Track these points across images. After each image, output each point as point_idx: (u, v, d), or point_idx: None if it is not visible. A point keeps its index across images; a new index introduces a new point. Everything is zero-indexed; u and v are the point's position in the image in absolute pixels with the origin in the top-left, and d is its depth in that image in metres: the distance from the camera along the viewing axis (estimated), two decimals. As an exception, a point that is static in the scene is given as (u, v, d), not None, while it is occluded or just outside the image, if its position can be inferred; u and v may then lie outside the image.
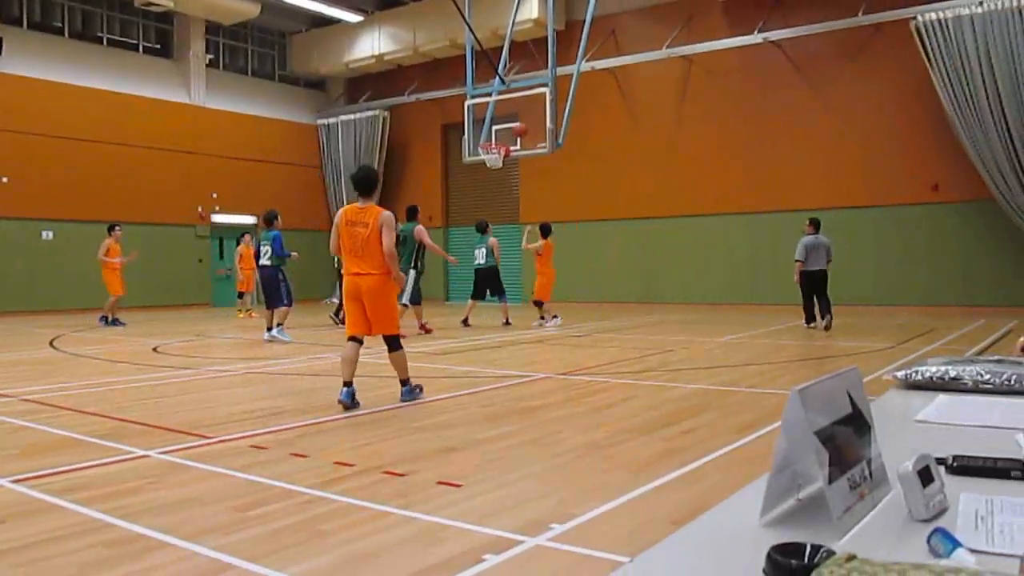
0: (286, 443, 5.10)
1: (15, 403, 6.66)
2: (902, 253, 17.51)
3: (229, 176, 23.47)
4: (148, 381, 8.17)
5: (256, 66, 25.63)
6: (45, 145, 19.65)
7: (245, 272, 19.17)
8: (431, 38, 22.69)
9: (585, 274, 21.71)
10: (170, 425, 5.67)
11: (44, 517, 3.62)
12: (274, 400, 6.98)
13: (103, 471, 4.47)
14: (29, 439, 5.32)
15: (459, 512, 3.59)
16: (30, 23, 20.41)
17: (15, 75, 19.37)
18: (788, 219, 18.88)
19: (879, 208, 17.73)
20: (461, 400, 6.84)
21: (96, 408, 6.35)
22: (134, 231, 21.21)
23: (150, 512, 3.65)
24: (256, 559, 3.04)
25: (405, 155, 25.57)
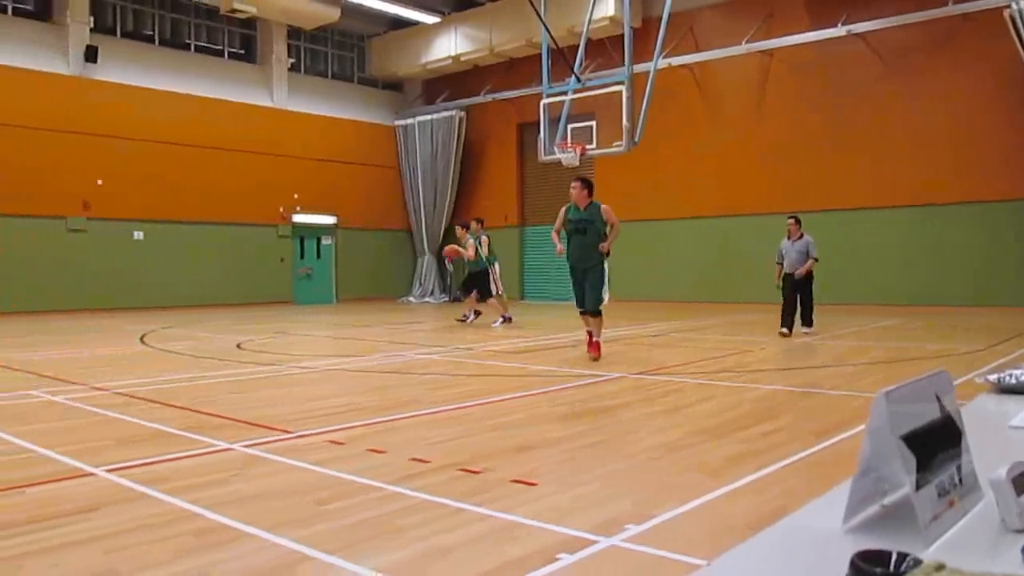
0: (363, 439, 5.19)
1: (109, 396, 6.94)
2: (992, 251, 16.82)
3: (309, 177, 24.00)
4: (232, 377, 8.41)
5: (336, 69, 26.13)
6: (137, 149, 20.42)
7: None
8: (507, 38, 22.77)
9: (660, 273, 21.50)
10: (252, 419, 5.82)
11: (135, 505, 3.76)
12: (352, 396, 7.10)
13: (190, 462, 4.62)
14: (122, 431, 5.53)
15: (534, 511, 3.60)
16: (123, 32, 21.25)
17: (109, 82, 20.18)
18: (872, 216, 18.35)
19: (968, 204, 17.09)
20: (536, 399, 6.84)
21: (183, 402, 6.57)
22: (219, 231, 21.88)
23: (234, 503, 3.75)
24: (334, 551, 3.10)
25: (481, 155, 25.73)
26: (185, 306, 20.87)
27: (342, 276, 25.12)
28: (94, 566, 3.01)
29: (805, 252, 12.18)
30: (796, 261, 12.18)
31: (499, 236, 25.03)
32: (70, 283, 19.43)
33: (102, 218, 20.01)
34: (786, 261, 12.30)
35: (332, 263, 25.03)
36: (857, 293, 18.08)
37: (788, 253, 12.28)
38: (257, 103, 23.14)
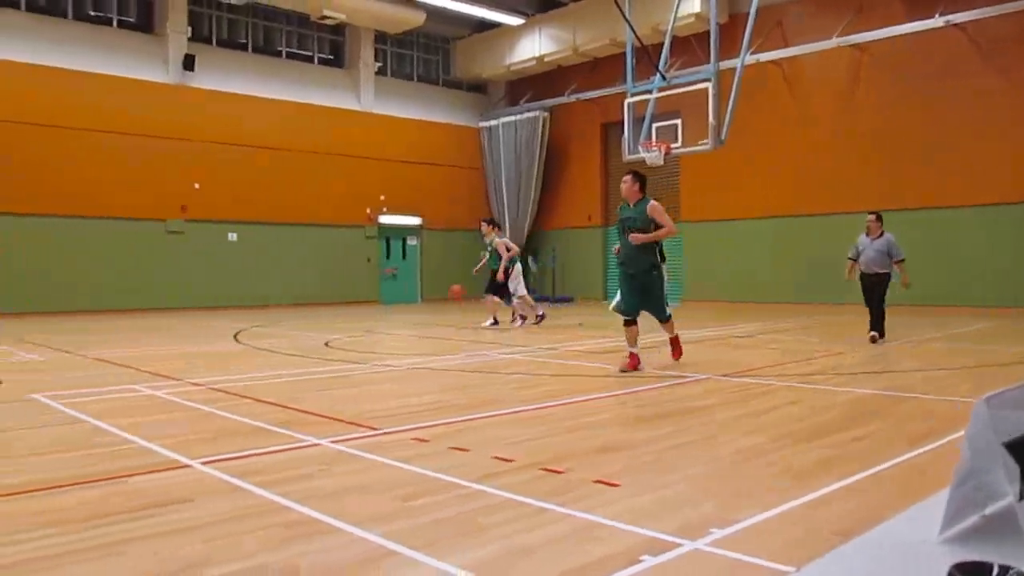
0: (447, 437, 5.25)
1: (205, 391, 7.20)
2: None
3: (395, 179, 24.41)
4: (320, 374, 8.62)
5: (421, 72, 26.51)
6: (232, 153, 21.14)
7: None
8: (591, 37, 22.70)
9: (745, 273, 21.09)
10: (340, 416, 5.95)
11: (229, 497, 3.90)
12: (436, 395, 7.19)
13: (280, 457, 4.76)
14: (216, 424, 5.73)
15: (616, 512, 3.58)
16: (218, 40, 22.03)
17: (206, 89, 20.94)
18: (968, 215, 17.62)
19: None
20: (619, 399, 6.80)
21: (273, 398, 6.76)
22: (309, 232, 22.44)
23: (322, 497, 3.85)
24: (419, 547, 3.14)
25: (565, 155, 25.71)
26: (276, 305, 21.49)
27: (426, 276, 25.46)
28: (191, 554, 3.12)
29: (885, 252, 11.23)
30: (873, 260, 11.24)
31: (583, 236, 25.02)
32: (168, 283, 20.24)
33: (199, 220, 20.77)
34: (863, 259, 11.39)
35: (417, 263, 25.41)
36: (948, 295, 17.38)
37: (866, 251, 11.36)
38: (345, 107, 23.66)
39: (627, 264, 8.58)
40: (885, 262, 11.24)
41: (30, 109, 18.29)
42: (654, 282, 8.60)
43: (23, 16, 18.95)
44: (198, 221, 20.79)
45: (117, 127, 19.47)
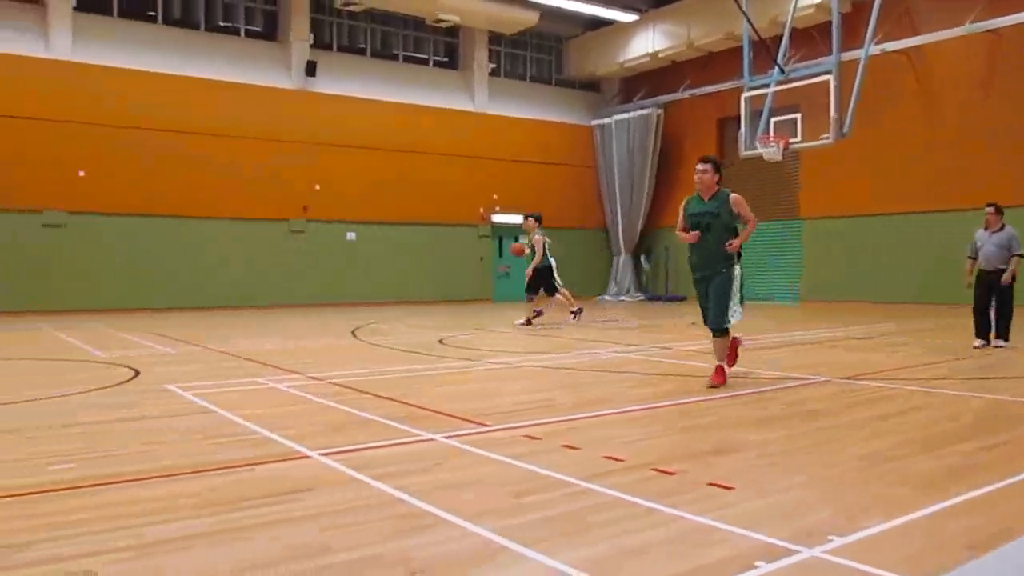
0: (558, 435, 5.26)
1: (324, 385, 7.46)
2: None
3: (508, 178, 24.61)
4: (434, 370, 8.79)
5: (534, 72, 26.64)
6: (350, 155, 21.80)
7: None
8: (706, 32, 22.30)
9: (865, 271, 20.26)
10: (453, 412, 6.05)
11: (346, 488, 4.03)
12: (547, 393, 7.21)
13: (395, 450, 4.88)
14: (335, 417, 5.93)
15: (730, 515, 3.51)
16: (339, 46, 22.77)
17: (326, 93, 21.67)
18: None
19: None
20: (734, 400, 6.66)
21: (389, 393, 6.94)
22: (423, 231, 22.89)
23: (435, 491, 3.93)
24: (529, 544, 3.17)
25: (679, 152, 25.34)
26: (391, 302, 22.03)
27: (539, 275, 25.55)
28: (310, 542, 3.25)
29: (1006, 246, 10.43)
30: (994, 255, 10.47)
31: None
32: (290, 280, 21.05)
33: (319, 220, 21.52)
34: (981, 255, 10.63)
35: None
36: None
37: (985, 246, 10.60)
38: (459, 108, 24.02)
39: (703, 266, 7.41)
40: (1006, 257, 10.47)
41: (165, 116, 19.34)
42: (723, 280, 7.33)
43: (159, 29, 20.08)
44: (318, 221, 21.53)
45: (245, 132, 20.38)
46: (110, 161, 18.75)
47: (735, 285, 7.35)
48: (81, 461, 4.60)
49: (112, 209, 18.85)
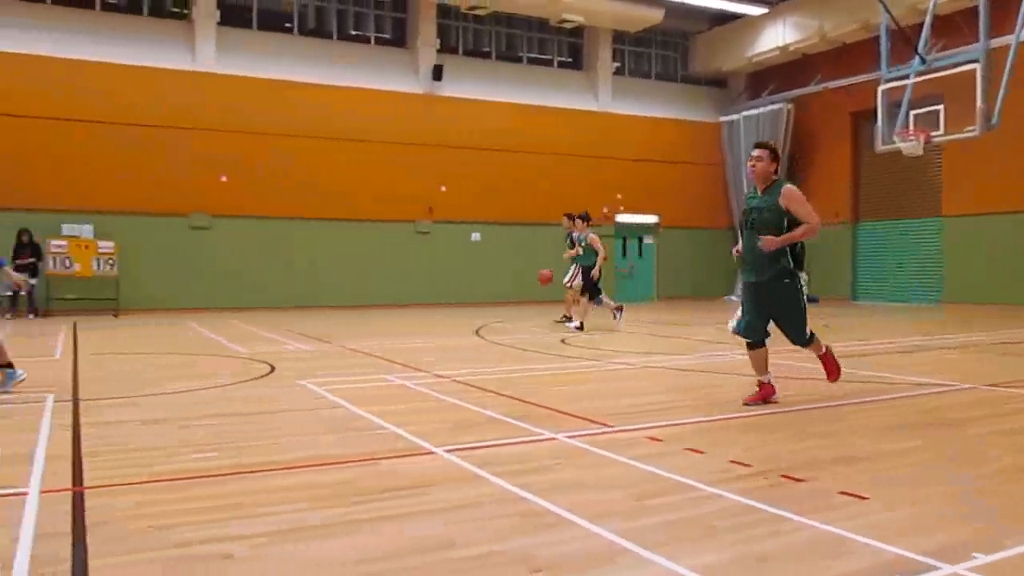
0: (682, 437, 5.18)
1: (449, 383, 7.60)
2: None
3: (632, 177, 24.40)
4: (557, 370, 8.81)
5: (659, 69, 26.32)
6: (475, 156, 22.12)
7: None
8: (840, 22, 21.44)
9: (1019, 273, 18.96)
10: (575, 412, 6.05)
11: (469, 484, 4.09)
12: (670, 395, 7.11)
13: (517, 449, 4.92)
14: (459, 415, 6.03)
15: (863, 526, 3.36)
16: (464, 50, 23.16)
17: (452, 97, 22.07)
18: None
19: None
20: (868, 407, 6.37)
21: (512, 392, 7.00)
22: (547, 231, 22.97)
23: (557, 490, 3.93)
24: (651, 547, 3.13)
25: (811, 147, 24.47)
26: (514, 302, 22.22)
27: (662, 275, 25.24)
28: (434, 535, 3.32)
29: None
30: None
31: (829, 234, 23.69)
32: (416, 280, 21.56)
33: (444, 221, 21.94)
34: None
35: (653, 262, 25.25)
36: None
37: None
38: (583, 108, 23.99)
39: (751, 270, 6.44)
40: None
41: (300, 123, 20.16)
42: (787, 292, 6.34)
43: (295, 39, 20.97)
44: (444, 222, 21.96)
45: (374, 136, 21.00)
46: (251, 166, 19.70)
47: (801, 295, 6.38)
48: (222, 450, 4.85)
49: (252, 212, 19.80)
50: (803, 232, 6.17)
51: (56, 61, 17.88)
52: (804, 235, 6.18)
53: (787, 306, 6.36)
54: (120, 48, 18.74)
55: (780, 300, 6.34)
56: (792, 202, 6.16)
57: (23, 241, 16.94)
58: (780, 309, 6.39)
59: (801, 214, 6.18)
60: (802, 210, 6.19)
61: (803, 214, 6.19)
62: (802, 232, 6.17)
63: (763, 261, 6.26)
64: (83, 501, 3.78)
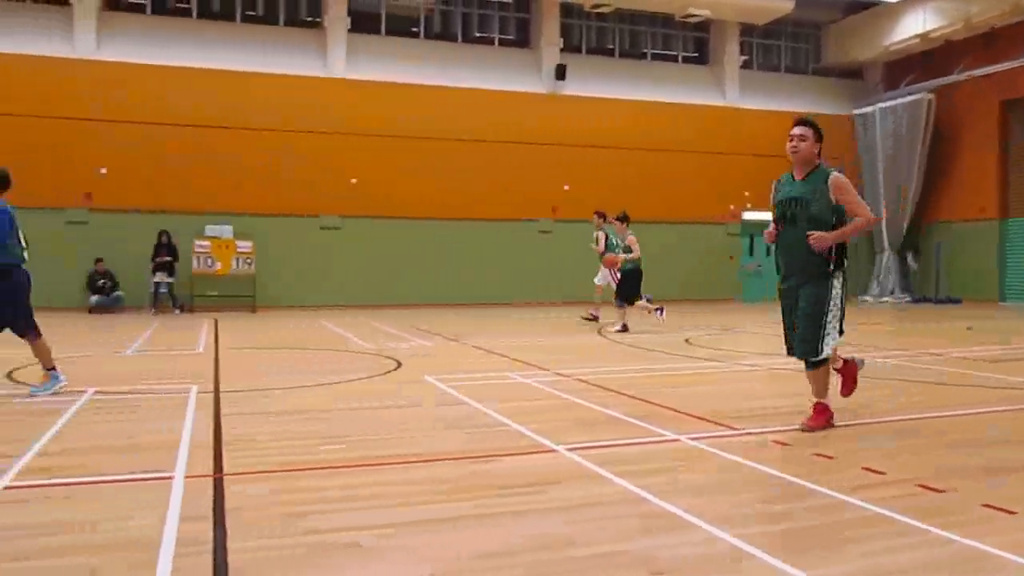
0: (810, 442, 5.01)
1: (571, 382, 7.61)
2: None
3: (760, 173, 23.66)
4: (680, 370, 8.68)
5: (789, 62, 25.50)
6: (598, 155, 22.01)
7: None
8: (987, 6, 20.18)
9: None
10: (698, 413, 5.94)
11: (590, 483, 4.09)
12: (797, 398, 6.87)
13: (638, 449, 4.88)
14: (581, 413, 6.03)
15: (1009, 542, 3.16)
16: (588, 48, 23.12)
17: (576, 96, 22.06)
18: None
19: None
20: (1013, 415, 5.98)
21: (633, 391, 6.94)
22: (671, 229, 22.67)
23: (679, 492, 3.88)
24: (776, 554, 3.05)
25: (953, 140, 23.16)
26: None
27: (792, 274, 24.42)
28: (554, 533, 3.33)
29: None
30: None
31: (973, 231, 22.40)
32: (539, 278, 21.66)
33: (567, 220, 21.96)
34: None
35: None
36: None
37: None
38: (709, 103, 23.50)
39: (790, 272, 5.51)
40: None
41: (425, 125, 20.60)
42: (816, 295, 5.33)
43: (422, 43, 21.46)
44: (567, 221, 21.97)
45: (498, 137, 21.23)
46: (378, 168, 20.29)
47: (833, 303, 5.34)
48: (349, 443, 5.03)
49: (379, 212, 20.38)
50: (857, 228, 5.37)
51: (199, 72, 18.92)
52: (858, 230, 5.41)
53: (808, 308, 5.33)
54: (257, 57, 19.68)
55: (806, 303, 5.35)
56: (844, 193, 5.34)
57: (162, 242, 18.04)
58: (801, 314, 5.38)
59: (854, 207, 5.36)
60: (855, 202, 5.38)
61: (856, 207, 5.37)
62: (856, 228, 5.36)
63: (806, 261, 5.34)
64: (223, 487, 3.99)
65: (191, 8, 19.81)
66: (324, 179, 19.84)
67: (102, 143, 18.07)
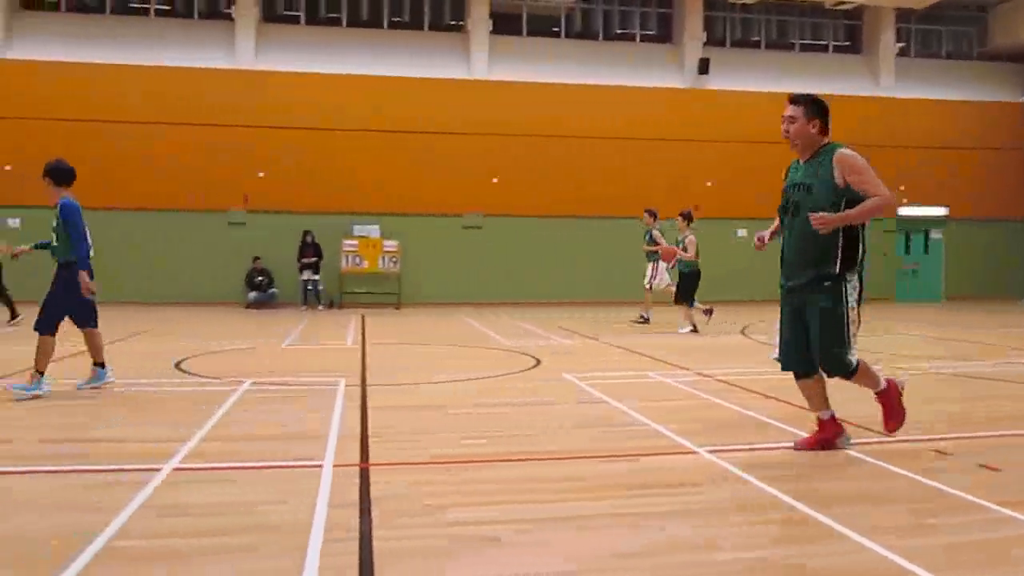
0: (975, 452, 4.70)
1: (712, 382, 7.44)
2: None
3: (917, 166, 22.40)
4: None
5: (950, 47, 23.97)
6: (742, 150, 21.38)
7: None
8: None
9: None
10: (850, 418, 5.67)
11: (732, 487, 3.99)
12: (960, 404, 6.48)
13: (783, 453, 4.72)
14: (722, 415, 5.89)
15: None
16: (732, 41, 22.55)
17: (720, 90, 21.54)
18: None
19: None
20: None
21: (778, 393, 6.70)
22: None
23: (827, 500, 3.72)
24: (933, 570, 2.87)
25: None
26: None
27: (951, 272, 22.96)
28: (694, 536, 3.27)
29: None
30: None
31: None
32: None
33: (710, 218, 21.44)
34: None
35: (941, 258, 23.07)
36: None
37: None
38: (862, 93, 22.41)
39: (791, 272, 4.80)
40: None
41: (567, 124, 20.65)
42: (829, 302, 4.60)
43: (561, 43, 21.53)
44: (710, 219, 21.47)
45: (638, 134, 20.98)
46: (520, 168, 20.49)
47: (849, 310, 4.63)
48: (491, 438, 5.11)
49: (520, 211, 20.58)
50: (873, 208, 4.49)
51: (348, 78, 19.67)
52: (873, 212, 4.52)
53: (828, 324, 4.61)
54: (403, 61, 20.29)
55: (818, 311, 4.62)
56: (851, 172, 4.55)
57: (306, 241, 18.87)
58: (817, 325, 4.64)
59: (867, 187, 4.50)
60: (869, 181, 4.53)
61: (870, 186, 4.50)
62: (871, 208, 4.49)
63: (807, 256, 4.63)
64: (368, 477, 4.14)
65: (341, 18, 20.65)
66: (466, 179, 20.23)
67: (259, 148, 19.09)
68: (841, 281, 4.58)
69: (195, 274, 18.91)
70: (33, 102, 18.25)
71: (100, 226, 20.09)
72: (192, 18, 20.17)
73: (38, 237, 7.34)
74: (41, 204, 18.66)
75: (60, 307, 6.60)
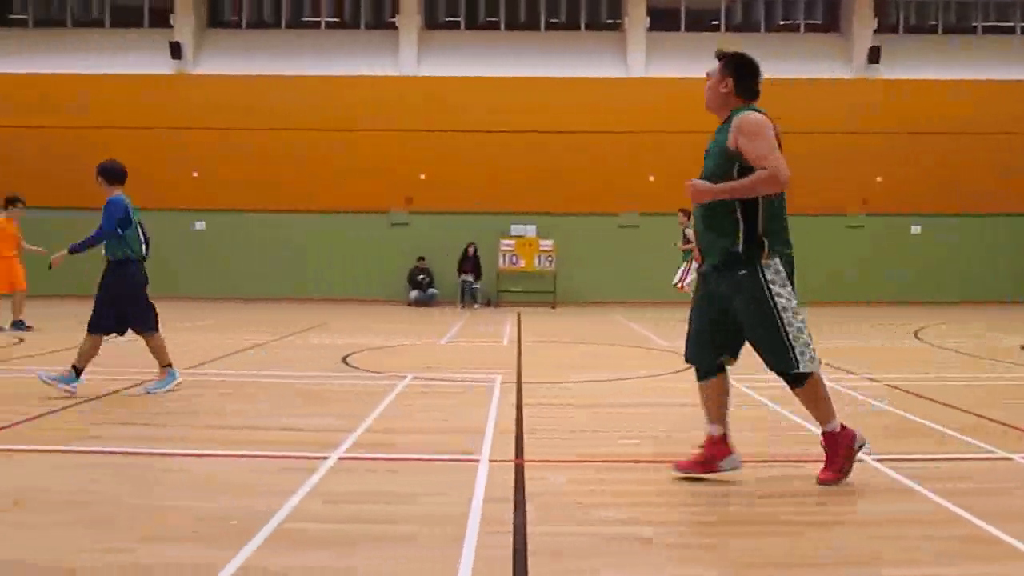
0: None
1: (880, 387, 7.05)
2: None
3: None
4: (1016, 380, 7.73)
5: None
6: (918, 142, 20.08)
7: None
8: None
9: None
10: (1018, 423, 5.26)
11: (902, 498, 3.78)
12: None
13: (960, 465, 4.43)
14: (891, 422, 5.59)
15: None
16: (906, 27, 21.30)
17: (894, 79, 20.33)
18: None
19: None
20: None
21: (955, 401, 6.27)
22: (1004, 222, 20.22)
23: (1011, 517, 3.45)
24: None
25: None
26: (958, 302, 19.81)
27: None
28: (859, 549, 3.13)
29: None
30: None
31: None
32: (850, 275, 20.25)
33: (881, 214, 20.32)
34: None
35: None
36: None
37: None
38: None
39: (705, 249, 4.11)
40: None
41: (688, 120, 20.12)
42: (746, 288, 3.89)
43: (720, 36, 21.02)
44: (880, 215, 20.36)
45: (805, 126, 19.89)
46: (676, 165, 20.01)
47: (775, 298, 3.84)
48: (643, 439, 5.08)
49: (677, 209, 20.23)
50: (757, 180, 3.77)
51: (506, 80, 19.98)
52: (758, 185, 3.79)
53: (749, 311, 3.90)
54: (560, 62, 20.42)
55: (735, 301, 3.93)
56: (745, 136, 3.86)
57: (468, 255, 19.49)
58: (740, 315, 3.96)
59: (757, 155, 3.81)
60: (758, 148, 3.83)
61: (760, 156, 3.80)
62: (756, 180, 3.77)
63: (710, 232, 4.02)
64: (523, 473, 4.21)
65: (499, 21, 21.05)
66: (622, 178, 20.13)
67: (421, 151, 19.74)
68: (755, 268, 3.87)
69: (361, 273, 19.80)
70: (217, 112, 19.67)
71: (281, 228, 21.41)
72: (359, 28, 21.13)
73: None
74: (226, 207, 20.16)
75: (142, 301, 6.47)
